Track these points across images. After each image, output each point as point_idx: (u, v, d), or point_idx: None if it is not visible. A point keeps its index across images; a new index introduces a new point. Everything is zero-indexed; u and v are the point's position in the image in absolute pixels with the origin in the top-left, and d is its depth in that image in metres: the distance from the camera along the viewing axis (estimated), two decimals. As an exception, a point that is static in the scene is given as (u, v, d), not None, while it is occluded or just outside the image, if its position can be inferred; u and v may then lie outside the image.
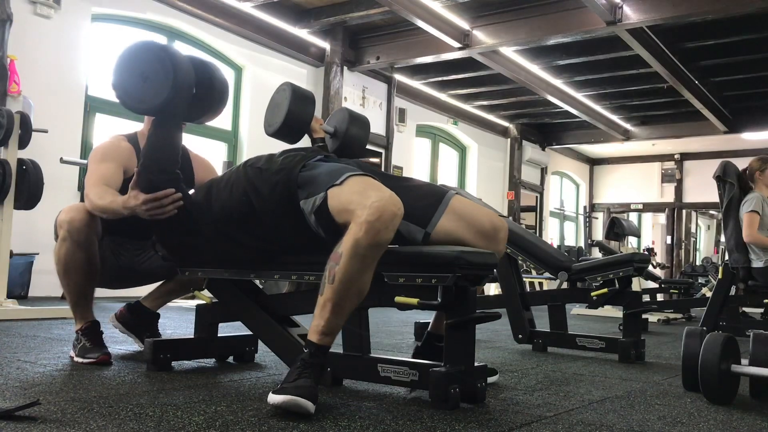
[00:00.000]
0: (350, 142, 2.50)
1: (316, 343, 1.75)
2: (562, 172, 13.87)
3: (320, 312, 1.75)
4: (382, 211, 1.67)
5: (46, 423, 1.45)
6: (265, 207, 1.94)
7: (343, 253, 1.69)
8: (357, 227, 1.67)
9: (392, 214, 1.69)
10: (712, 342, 2.09)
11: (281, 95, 2.39)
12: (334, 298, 1.72)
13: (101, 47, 6.28)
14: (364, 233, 1.66)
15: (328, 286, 1.72)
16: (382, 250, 1.72)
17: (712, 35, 7.39)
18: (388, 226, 1.68)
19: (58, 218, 2.42)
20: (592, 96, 10.02)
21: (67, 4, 5.82)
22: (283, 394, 1.61)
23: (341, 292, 1.71)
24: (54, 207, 5.34)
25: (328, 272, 1.72)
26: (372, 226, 1.66)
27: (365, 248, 1.67)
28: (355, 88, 8.66)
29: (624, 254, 3.58)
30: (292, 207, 1.89)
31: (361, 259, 1.69)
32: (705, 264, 10.99)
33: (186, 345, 2.41)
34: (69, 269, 2.43)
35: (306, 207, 1.85)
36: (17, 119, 3.85)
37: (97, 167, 2.39)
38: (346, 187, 1.78)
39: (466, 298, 1.83)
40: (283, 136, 2.41)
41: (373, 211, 1.66)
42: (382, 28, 7.99)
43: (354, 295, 1.74)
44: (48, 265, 5.34)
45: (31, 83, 5.29)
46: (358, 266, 1.69)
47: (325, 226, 1.82)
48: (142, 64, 1.99)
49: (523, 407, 1.88)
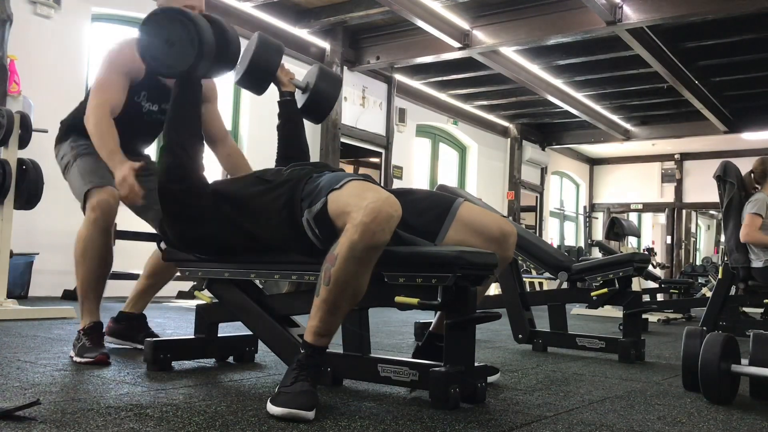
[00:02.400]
0: (319, 98, 2.55)
1: (312, 344, 1.75)
2: (562, 172, 13.88)
3: (316, 313, 1.74)
4: (378, 212, 1.64)
5: (46, 423, 1.45)
6: (270, 223, 1.92)
7: (338, 254, 1.67)
8: (353, 229, 1.65)
9: (388, 215, 1.66)
10: (712, 342, 2.09)
11: (250, 44, 2.43)
12: (330, 300, 1.72)
13: (101, 47, 6.28)
14: (360, 235, 1.64)
15: (323, 287, 1.71)
16: (378, 252, 1.70)
17: (712, 35, 7.40)
18: (384, 227, 1.66)
19: (90, 197, 2.43)
20: (592, 96, 10.02)
21: (67, 4, 5.82)
22: (282, 407, 1.60)
23: (336, 293, 1.71)
24: (54, 207, 5.38)
25: (324, 273, 1.71)
26: (367, 228, 1.64)
27: (361, 250, 1.66)
28: (355, 88, 8.66)
29: (624, 254, 3.58)
30: (294, 221, 1.87)
31: (357, 261, 1.68)
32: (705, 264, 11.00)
33: (186, 345, 2.41)
34: (87, 252, 2.42)
35: (309, 216, 1.83)
36: (17, 119, 3.85)
37: (107, 79, 2.47)
38: (345, 191, 1.77)
39: (466, 298, 1.83)
40: (247, 83, 2.47)
41: (369, 212, 1.64)
42: (382, 28, 7.99)
43: (349, 296, 1.73)
44: (48, 265, 5.38)
45: (31, 83, 5.29)
46: (353, 268, 1.68)
47: (325, 233, 1.80)
48: (165, 31, 2.07)
49: (523, 407, 1.88)
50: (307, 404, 1.61)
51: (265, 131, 7.59)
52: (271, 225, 1.92)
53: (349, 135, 8.52)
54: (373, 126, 9.02)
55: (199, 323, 2.41)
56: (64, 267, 5.52)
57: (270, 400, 1.66)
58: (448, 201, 2.01)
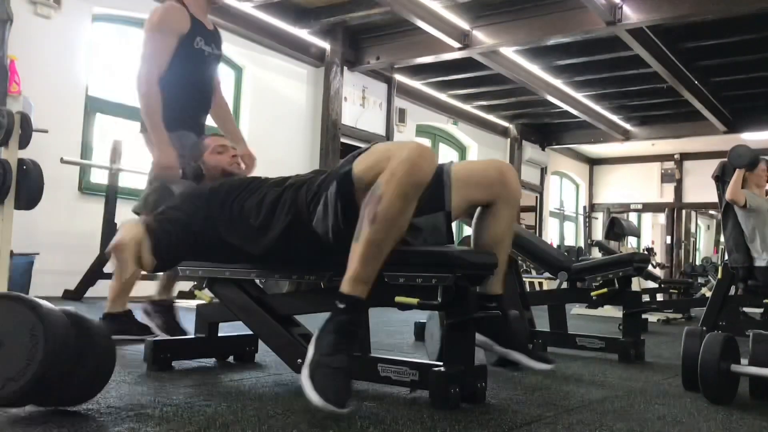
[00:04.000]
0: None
1: (350, 295, 1.71)
2: (562, 172, 13.87)
3: (358, 258, 1.71)
4: (422, 149, 1.70)
5: (46, 423, 1.45)
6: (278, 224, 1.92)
7: (383, 193, 1.67)
8: (399, 165, 1.66)
9: (431, 153, 1.72)
10: (712, 342, 2.09)
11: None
12: (377, 239, 1.69)
13: (101, 47, 6.28)
14: (407, 169, 1.66)
15: (368, 228, 1.68)
16: (421, 189, 1.71)
17: (712, 35, 7.39)
18: (429, 163, 1.70)
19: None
20: (592, 96, 10.02)
21: (68, 4, 5.81)
22: (320, 395, 1.55)
23: (384, 231, 1.69)
24: (54, 207, 5.38)
25: (367, 215, 1.69)
26: (414, 163, 1.66)
27: (407, 184, 1.67)
28: (355, 88, 8.66)
29: (624, 254, 3.58)
30: (301, 222, 1.87)
31: (404, 197, 1.67)
32: (705, 264, 10.99)
33: (186, 345, 2.41)
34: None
35: (331, 190, 1.80)
36: (17, 119, 3.86)
37: (160, 46, 2.73)
38: (377, 148, 1.79)
39: (466, 298, 1.83)
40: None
41: (413, 149, 1.68)
42: (382, 28, 7.98)
43: (395, 235, 1.72)
44: (48, 265, 5.38)
45: (31, 83, 5.28)
46: (400, 204, 1.68)
47: (343, 204, 1.78)
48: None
49: (523, 407, 1.88)
50: (343, 399, 1.57)
51: (265, 131, 7.62)
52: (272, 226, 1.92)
53: (349, 135, 8.51)
54: (373, 126, 9.02)
55: (199, 323, 2.41)
56: (64, 267, 5.54)
57: (308, 372, 1.62)
58: (438, 169, 1.99)
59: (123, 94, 6.34)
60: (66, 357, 1.39)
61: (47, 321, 1.37)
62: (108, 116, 6.28)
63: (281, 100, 7.68)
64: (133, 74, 2.72)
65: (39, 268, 5.32)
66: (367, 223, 1.69)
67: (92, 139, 6.10)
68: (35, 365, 1.33)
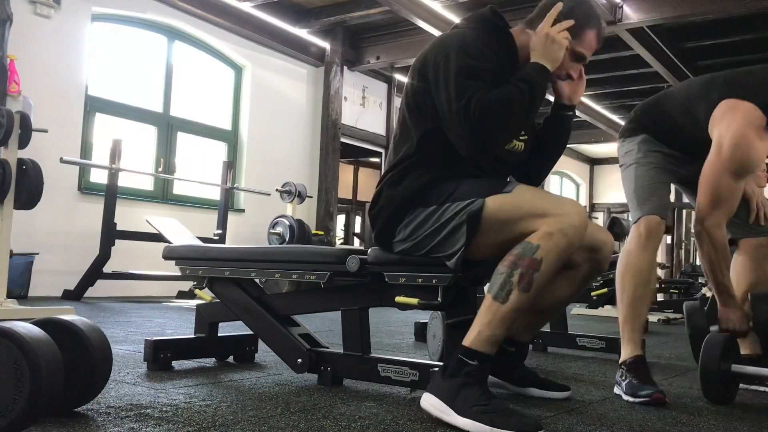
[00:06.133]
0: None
1: (484, 353, 1.64)
2: (562, 171, 13.87)
3: (498, 321, 1.62)
4: (584, 215, 1.65)
5: (45, 423, 1.45)
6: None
7: (543, 258, 1.59)
8: (560, 233, 1.59)
9: (586, 219, 1.68)
10: (712, 342, 2.09)
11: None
12: (524, 307, 1.63)
13: (101, 47, 6.28)
14: (569, 239, 1.61)
15: (518, 294, 1.60)
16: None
17: (712, 35, 7.40)
18: (584, 232, 1.67)
19: (643, 222, 2.18)
20: (592, 96, 10.02)
21: (67, 4, 5.82)
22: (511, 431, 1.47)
23: (533, 298, 1.63)
24: (54, 207, 5.38)
25: (519, 278, 1.60)
26: (577, 232, 1.62)
27: (566, 252, 1.63)
28: (355, 88, 8.67)
29: (624, 254, 3.57)
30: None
31: (557, 265, 1.65)
32: (705, 264, 10.97)
33: (186, 345, 2.41)
34: (627, 273, 2.21)
35: (462, 218, 1.68)
36: (17, 119, 3.85)
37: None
38: (521, 194, 1.68)
39: (466, 298, 1.83)
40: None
41: (581, 213, 1.64)
42: (382, 28, 7.99)
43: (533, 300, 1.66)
44: (48, 265, 5.39)
45: (31, 83, 5.28)
46: (553, 271, 1.64)
47: (468, 235, 1.66)
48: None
49: (523, 407, 1.88)
50: (531, 423, 1.52)
51: (265, 131, 7.62)
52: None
53: (349, 135, 8.52)
54: (373, 126, 9.02)
55: (199, 322, 2.41)
56: (64, 267, 5.54)
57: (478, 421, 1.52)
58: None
59: (123, 93, 6.35)
60: (55, 381, 1.34)
61: (30, 352, 1.29)
62: (108, 116, 6.28)
63: (281, 99, 7.67)
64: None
65: (38, 267, 5.32)
66: (519, 289, 1.60)
67: (92, 138, 6.10)
68: (23, 400, 1.29)
